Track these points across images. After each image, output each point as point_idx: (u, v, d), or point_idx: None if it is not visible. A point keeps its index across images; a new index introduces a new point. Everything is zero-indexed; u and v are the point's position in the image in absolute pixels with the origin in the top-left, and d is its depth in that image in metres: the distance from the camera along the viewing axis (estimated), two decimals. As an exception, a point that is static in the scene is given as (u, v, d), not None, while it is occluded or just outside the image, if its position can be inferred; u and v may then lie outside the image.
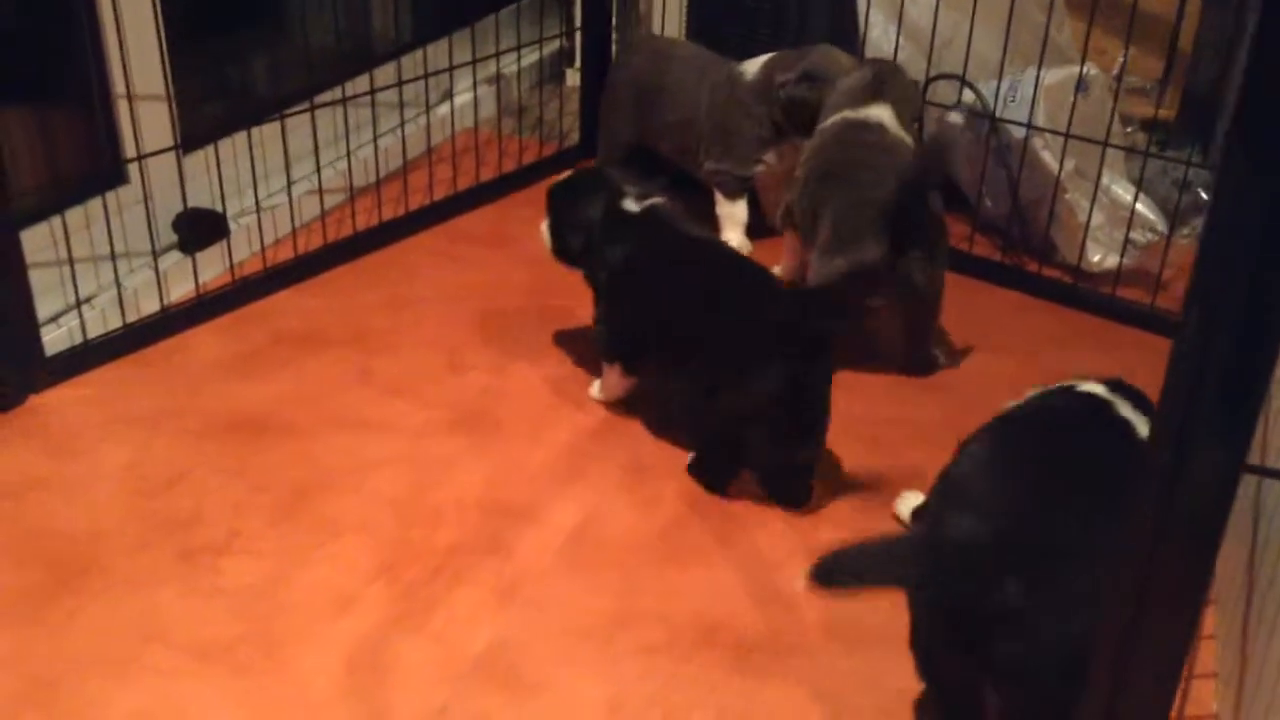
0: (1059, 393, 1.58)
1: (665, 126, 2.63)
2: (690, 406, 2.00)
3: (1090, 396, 1.54)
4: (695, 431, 1.99)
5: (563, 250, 2.12)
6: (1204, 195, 2.51)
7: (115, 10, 2.10)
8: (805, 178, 2.25)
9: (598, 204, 2.06)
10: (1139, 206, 2.45)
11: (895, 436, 2.06)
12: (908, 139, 2.25)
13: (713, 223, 2.57)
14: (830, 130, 2.25)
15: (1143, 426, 1.48)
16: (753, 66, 2.49)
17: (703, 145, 2.54)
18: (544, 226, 2.14)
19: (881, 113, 2.22)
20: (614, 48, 3.00)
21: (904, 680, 1.47)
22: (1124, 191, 2.48)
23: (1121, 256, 2.41)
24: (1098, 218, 2.43)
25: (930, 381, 2.22)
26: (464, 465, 1.96)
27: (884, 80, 2.26)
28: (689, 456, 1.96)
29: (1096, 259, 2.46)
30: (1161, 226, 2.44)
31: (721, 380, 1.86)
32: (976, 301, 2.45)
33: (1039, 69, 2.40)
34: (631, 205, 2.06)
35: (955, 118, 2.56)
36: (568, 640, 1.63)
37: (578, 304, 2.41)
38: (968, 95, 2.54)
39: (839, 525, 1.84)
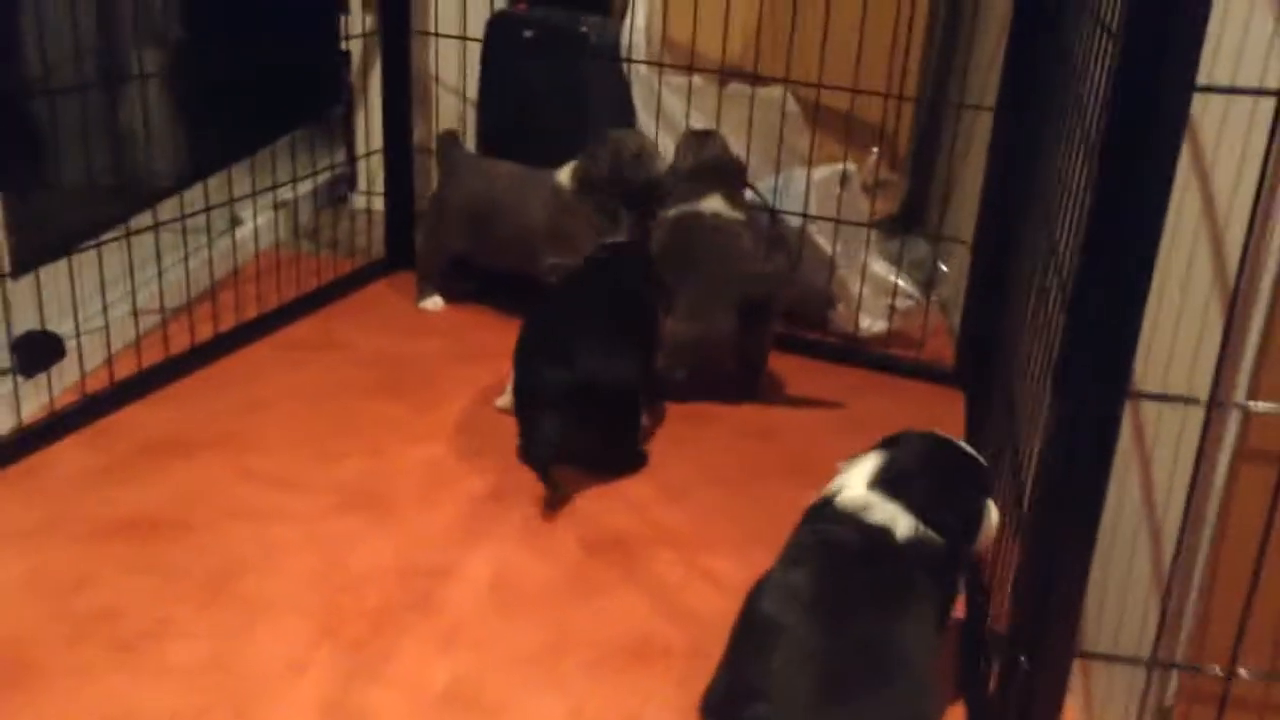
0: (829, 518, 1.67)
1: (501, 241, 2.88)
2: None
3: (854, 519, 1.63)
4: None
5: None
6: (943, 267, 3.02)
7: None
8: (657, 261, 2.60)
9: None
10: (896, 279, 2.91)
11: (743, 476, 2.36)
12: (741, 216, 2.69)
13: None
14: (673, 220, 2.63)
15: (901, 519, 1.61)
16: (565, 175, 2.81)
17: (540, 249, 2.80)
18: None
19: (714, 203, 2.63)
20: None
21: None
22: (881, 269, 2.94)
23: (889, 322, 2.86)
24: (864, 291, 2.88)
25: (761, 431, 2.55)
26: (369, 540, 2.08)
27: (709, 169, 2.66)
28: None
29: (866, 324, 2.90)
30: (918, 295, 2.92)
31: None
32: (774, 365, 2.81)
33: (809, 169, 2.84)
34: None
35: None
36: (517, 669, 1.79)
37: (435, 393, 2.60)
38: (750, 194, 2.95)
39: (722, 553, 2.11)
